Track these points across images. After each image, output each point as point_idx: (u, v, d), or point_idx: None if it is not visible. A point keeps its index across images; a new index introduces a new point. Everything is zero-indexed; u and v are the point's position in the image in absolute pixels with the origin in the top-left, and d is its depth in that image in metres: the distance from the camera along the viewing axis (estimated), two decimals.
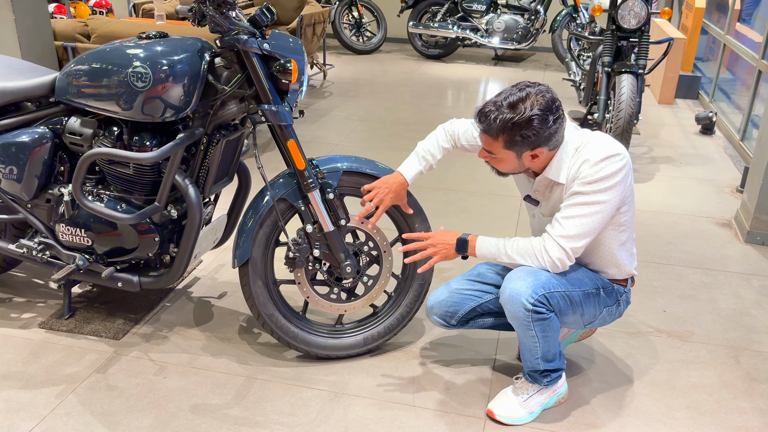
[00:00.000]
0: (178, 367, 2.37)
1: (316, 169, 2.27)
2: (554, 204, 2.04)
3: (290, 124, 2.19)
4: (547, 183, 2.04)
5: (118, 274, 2.41)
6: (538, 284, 1.93)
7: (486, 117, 1.91)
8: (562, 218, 1.94)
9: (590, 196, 1.92)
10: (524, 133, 1.87)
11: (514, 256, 1.99)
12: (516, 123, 1.87)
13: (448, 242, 2.09)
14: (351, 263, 2.30)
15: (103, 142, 2.27)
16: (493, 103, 1.92)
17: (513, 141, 1.90)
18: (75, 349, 2.44)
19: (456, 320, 2.28)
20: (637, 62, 4.33)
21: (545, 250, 1.95)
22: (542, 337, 1.98)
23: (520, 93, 1.89)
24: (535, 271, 1.95)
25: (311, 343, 2.38)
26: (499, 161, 1.98)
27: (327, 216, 2.25)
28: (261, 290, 2.31)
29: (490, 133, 1.92)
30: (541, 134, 1.88)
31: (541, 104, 1.87)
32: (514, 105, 1.88)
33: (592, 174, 1.91)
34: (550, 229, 1.96)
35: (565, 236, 1.93)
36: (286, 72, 2.08)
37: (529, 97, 1.88)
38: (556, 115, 1.89)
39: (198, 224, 2.27)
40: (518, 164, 1.97)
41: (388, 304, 2.48)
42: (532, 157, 1.95)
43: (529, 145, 1.91)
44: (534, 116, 1.86)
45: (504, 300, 1.97)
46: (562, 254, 1.93)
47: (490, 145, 1.95)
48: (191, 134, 2.19)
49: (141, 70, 2.12)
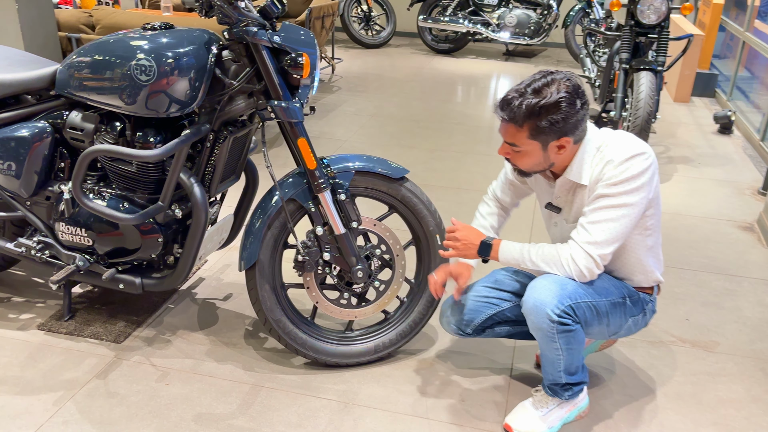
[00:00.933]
0: (181, 373, 2.27)
1: (327, 168, 2.16)
2: (578, 209, 1.93)
3: (301, 122, 2.08)
4: (569, 186, 1.94)
5: (120, 275, 2.31)
6: (564, 294, 1.82)
7: (509, 104, 1.82)
8: (587, 223, 1.83)
9: (616, 198, 1.81)
10: (552, 117, 1.77)
11: (538, 263, 1.89)
12: (543, 106, 1.77)
13: (472, 242, 2.00)
14: (362, 268, 2.20)
15: (105, 138, 2.17)
16: (516, 90, 1.82)
17: (539, 128, 1.80)
18: (74, 353, 2.35)
19: (472, 329, 2.18)
20: (656, 59, 4.20)
21: (572, 259, 1.84)
22: (566, 349, 1.87)
23: (545, 79, 1.80)
24: (561, 280, 1.85)
25: (320, 350, 2.28)
26: (523, 155, 1.88)
27: (338, 218, 2.15)
28: (268, 294, 2.21)
29: (516, 121, 1.82)
30: (568, 119, 1.78)
31: (567, 87, 1.78)
32: (539, 90, 1.79)
33: (617, 174, 1.81)
34: (576, 235, 1.85)
35: (592, 242, 1.82)
36: (298, 66, 1.98)
37: (554, 82, 1.79)
38: (582, 100, 1.80)
39: (203, 225, 2.17)
40: (543, 157, 1.87)
41: (401, 310, 2.38)
42: (558, 148, 1.84)
43: (555, 133, 1.80)
44: (561, 99, 1.76)
45: (527, 310, 1.86)
46: (590, 262, 1.82)
47: (513, 136, 1.85)
48: (197, 131, 2.09)
49: (145, 62, 2.01)
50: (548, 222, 2.10)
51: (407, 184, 2.26)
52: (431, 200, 3.61)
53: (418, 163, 4.34)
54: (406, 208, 2.27)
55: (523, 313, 1.89)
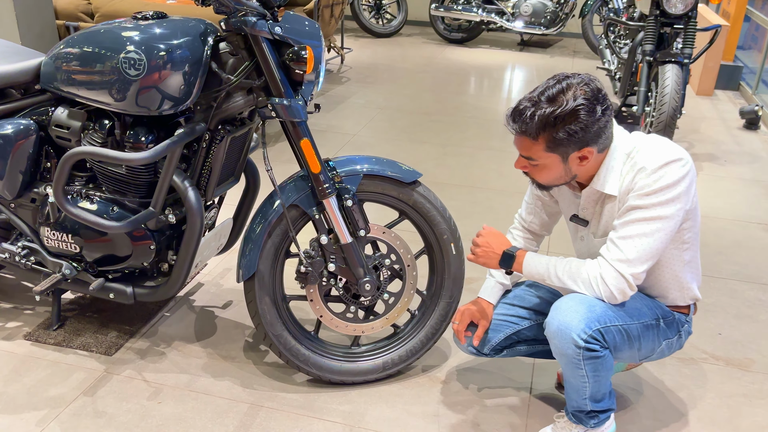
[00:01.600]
0: (174, 390, 2.11)
1: (332, 172, 1.99)
2: (606, 222, 1.75)
3: (304, 121, 1.91)
4: (596, 197, 1.75)
5: (110, 284, 2.15)
6: (592, 317, 1.64)
7: (521, 115, 1.63)
8: (618, 239, 1.65)
9: (650, 210, 1.62)
10: (570, 128, 1.59)
11: (565, 280, 1.71)
12: (559, 116, 1.59)
13: (495, 251, 1.83)
14: (370, 280, 2.03)
15: (92, 137, 2.00)
16: (529, 99, 1.64)
17: (557, 140, 1.61)
18: (62, 366, 2.19)
19: (489, 348, 2.01)
20: (682, 51, 3.99)
21: (601, 278, 1.66)
22: (593, 376, 1.69)
23: (560, 84, 1.61)
24: (589, 301, 1.66)
25: (324, 367, 2.11)
26: (541, 169, 1.70)
27: (344, 226, 1.97)
28: (268, 308, 2.05)
29: (529, 133, 1.64)
30: (589, 128, 1.60)
31: (585, 93, 1.59)
32: (553, 98, 1.60)
33: (651, 184, 1.62)
34: (606, 252, 1.67)
35: (623, 260, 1.63)
36: (300, 61, 1.80)
37: (571, 87, 1.60)
38: (604, 105, 1.61)
39: (198, 231, 2.01)
40: (564, 170, 1.69)
41: (412, 324, 2.20)
42: (580, 159, 1.66)
43: (576, 144, 1.62)
44: (579, 106, 1.58)
45: (551, 333, 1.68)
46: (621, 283, 1.64)
47: (529, 149, 1.67)
48: (191, 130, 1.92)
49: (134, 55, 1.84)
50: (574, 235, 1.91)
51: (419, 189, 2.08)
52: (444, 201, 3.44)
53: (429, 160, 4.16)
54: (418, 214, 2.09)
55: (546, 336, 1.71)
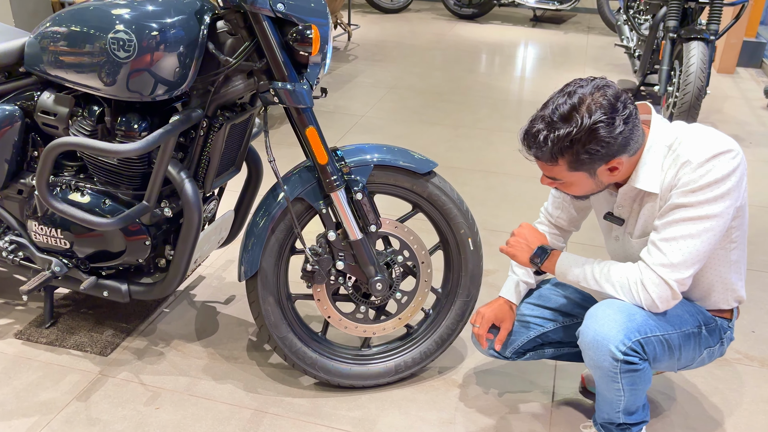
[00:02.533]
0: (173, 394, 1.98)
1: (341, 162, 1.83)
2: (646, 221, 1.59)
3: (310, 107, 1.74)
4: (634, 194, 1.59)
5: (104, 281, 2.01)
6: (631, 327, 1.49)
7: (534, 139, 1.47)
8: (661, 241, 1.49)
9: (696, 208, 1.46)
10: (590, 148, 1.44)
11: (603, 284, 1.55)
12: (575, 139, 1.43)
13: (528, 245, 1.69)
14: (382, 279, 1.88)
15: (80, 125, 1.85)
16: (541, 119, 1.47)
17: (579, 161, 1.46)
18: (54, 368, 2.07)
19: (511, 352, 1.87)
20: (707, 27, 3.78)
21: (642, 285, 1.50)
22: (630, 390, 1.54)
23: (570, 100, 1.44)
24: (628, 309, 1.51)
25: (332, 370, 1.97)
26: (569, 186, 1.56)
27: (354, 221, 1.82)
28: (272, 308, 1.90)
29: (545, 159, 1.49)
30: (613, 143, 1.44)
31: (601, 105, 1.42)
32: (566, 116, 1.44)
33: (697, 179, 1.45)
34: (647, 256, 1.51)
35: (667, 265, 1.48)
36: (305, 41, 1.63)
37: (584, 101, 1.43)
38: (624, 113, 1.43)
39: (196, 226, 1.86)
40: (594, 183, 1.54)
41: (426, 324, 2.06)
42: (610, 170, 1.50)
43: (600, 160, 1.47)
44: (597, 124, 1.41)
45: (585, 343, 1.53)
46: (664, 290, 1.48)
47: (550, 170, 1.52)
48: (187, 117, 1.76)
49: (123, 36, 1.68)
50: (607, 234, 1.75)
51: (435, 179, 1.92)
52: (457, 186, 3.27)
53: (441, 143, 3.98)
54: (433, 207, 1.94)
55: (580, 346, 1.56)
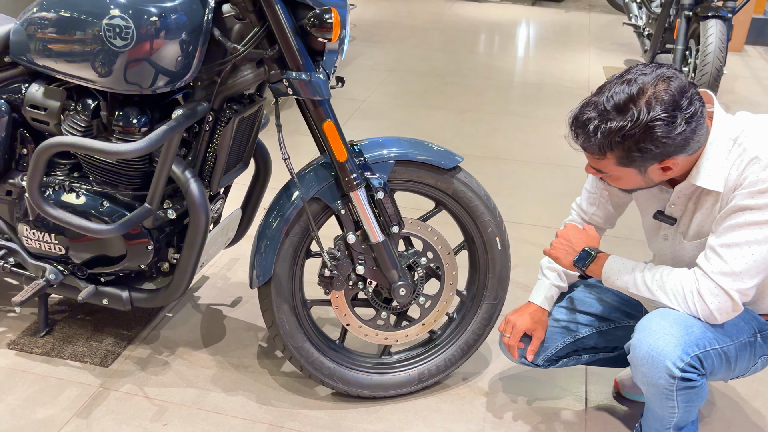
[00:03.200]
0: (181, 408, 1.85)
1: (359, 158, 1.68)
2: (702, 222, 1.45)
3: (327, 99, 1.59)
4: (690, 192, 1.45)
5: (103, 288, 1.86)
6: (689, 341, 1.36)
7: (584, 128, 1.34)
8: (721, 247, 1.35)
9: (764, 212, 1.33)
10: (643, 146, 1.30)
11: (655, 291, 1.42)
12: (628, 135, 1.29)
13: (573, 247, 1.56)
14: (405, 284, 1.74)
15: (73, 120, 1.69)
16: (593, 106, 1.34)
17: (630, 157, 1.33)
18: (51, 381, 1.92)
19: (543, 359, 1.75)
20: (725, 3, 3.63)
21: (699, 295, 1.37)
22: (685, 407, 1.42)
23: (629, 88, 1.30)
24: (685, 320, 1.38)
25: (351, 381, 1.84)
26: (616, 180, 1.43)
27: (375, 222, 1.68)
28: (287, 317, 1.76)
29: (592, 151, 1.36)
30: (670, 143, 1.30)
31: (663, 101, 1.28)
32: (622, 107, 1.30)
33: (766, 179, 1.32)
34: (705, 263, 1.37)
35: (727, 273, 1.34)
36: (324, 27, 1.47)
37: (645, 91, 1.29)
38: (688, 111, 1.29)
39: (204, 229, 1.71)
40: (643, 180, 1.41)
41: (450, 330, 1.93)
42: (663, 169, 1.37)
43: (653, 159, 1.33)
44: (655, 122, 1.27)
45: (638, 359, 1.40)
46: (724, 301, 1.35)
47: (597, 162, 1.39)
48: (192, 112, 1.60)
49: (120, 22, 1.52)
50: (653, 233, 1.61)
51: (460, 175, 1.78)
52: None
53: (447, 128, 3.83)
54: (458, 204, 1.80)
55: (630, 362, 1.43)
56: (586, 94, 4.41)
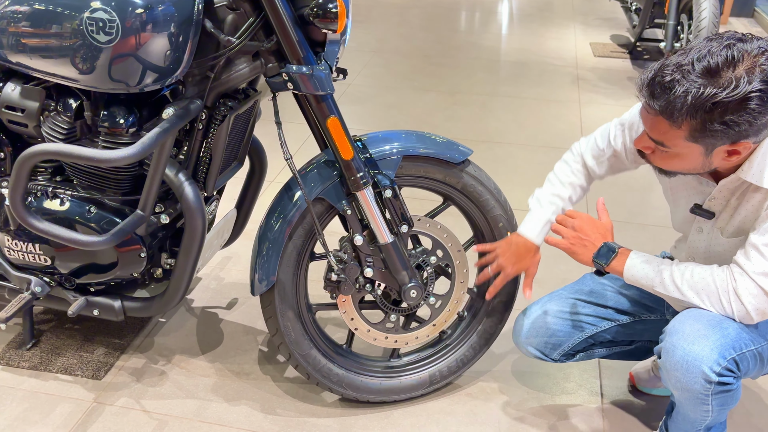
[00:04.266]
0: (182, 422, 1.76)
1: (365, 154, 1.58)
2: (744, 220, 1.37)
3: (330, 94, 1.49)
4: (735, 187, 1.36)
5: (94, 299, 1.75)
6: (726, 344, 1.29)
7: (668, 90, 1.20)
8: (765, 245, 1.28)
9: None
10: (730, 119, 1.18)
11: (685, 291, 1.35)
12: (720, 103, 1.17)
13: (592, 241, 1.46)
14: (416, 285, 1.66)
15: (55, 122, 1.56)
16: (678, 67, 1.20)
17: (708, 131, 1.21)
18: (41, 397, 1.82)
19: (560, 354, 1.68)
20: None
21: (735, 294, 1.30)
22: (719, 410, 1.36)
23: (728, 51, 1.18)
24: (719, 321, 1.31)
25: (361, 387, 1.76)
26: (672, 157, 1.30)
27: (383, 222, 1.59)
28: (293, 324, 1.67)
29: (671, 116, 1.22)
30: (756, 122, 1.19)
31: (765, 72, 1.17)
32: (716, 71, 1.18)
33: None
34: (745, 261, 1.30)
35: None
36: (328, 17, 1.37)
37: (744, 59, 1.18)
38: None
39: (200, 235, 1.61)
40: (702, 163, 1.30)
41: (460, 329, 1.85)
42: (729, 153, 1.26)
43: (729, 138, 1.22)
44: (753, 93, 1.16)
45: (672, 364, 1.33)
46: (762, 302, 1.29)
47: (663, 133, 1.26)
48: (185, 111, 1.49)
49: (103, 15, 1.39)
50: (686, 224, 1.53)
51: (469, 168, 1.69)
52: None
53: (438, 111, 3.73)
54: (468, 199, 1.71)
55: (661, 366, 1.37)
56: (574, 72, 4.39)
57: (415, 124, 3.54)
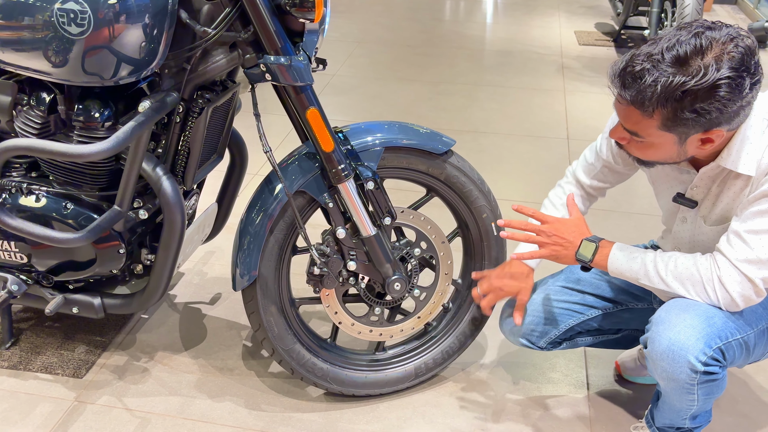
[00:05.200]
0: (165, 419, 1.73)
1: (346, 146, 1.56)
2: (726, 207, 1.36)
3: (309, 85, 1.46)
4: (715, 174, 1.35)
5: (72, 296, 1.72)
6: (711, 333, 1.29)
7: (638, 79, 1.20)
8: (748, 233, 1.27)
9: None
10: (700, 107, 1.18)
11: (669, 281, 1.34)
12: (689, 91, 1.17)
13: (570, 240, 1.45)
14: (400, 278, 1.64)
15: (27, 116, 1.52)
16: (648, 57, 1.20)
17: (679, 119, 1.20)
18: (21, 397, 1.79)
19: (546, 342, 1.68)
20: None
21: (719, 282, 1.30)
22: (704, 399, 1.36)
23: (696, 40, 1.17)
24: (705, 311, 1.31)
25: (346, 381, 1.75)
26: (647, 147, 1.30)
27: (366, 215, 1.57)
28: (276, 318, 1.65)
29: (642, 106, 1.21)
30: (726, 109, 1.19)
31: (733, 59, 1.16)
32: (685, 60, 1.17)
33: None
34: (727, 248, 1.30)
35: (753, 261, 1.27)
36: (305, 6, 1.34)
37: (712, 46, 1.17)
38: (754, 76, 1.19)
39: (180, 230, 1.58)
40: (677, 152, 1.29)
41: (446, 320, 1.84)
42: (702, 142, 1.26)
43: (702, 126, 1.22)
44: (722, 81, 1.15)
45: (658, 353, 1.33)
46: (747, 288, 1.28)
47: (636, 123, 1.25)
48: (161, 104, 1.46)
49: (74, 6, 1.35)
50: (670, 214, 1.53)
51: (452, 159, 1.67)
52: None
53: (422, 101, 3.71)
54: (451, 190, 1.69)
55: (647, 356, 1.36)
56: (559, 61, 4.38)
57: (399, 114, 3.52)
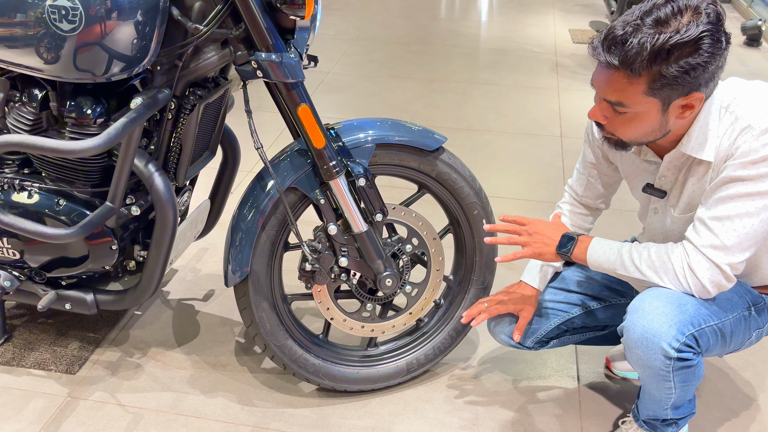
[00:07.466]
0: (158, 414, 1.74)
1: (338, 143, 1.57)
2: (692, 194, 1.39)
3: (301, 81, 1.47)
4: (680, 162, 1.39)
5: (65, 292, 1.72)
6: (684, 320, 1.31)
7: (622, 43, 1.22)
8: (711, 219, 1.30)
9: (756, 183, 1.27)
10: (687, 62, 1.20)
11: (644, 269, 1.37)
12: (676, 45, 1.19)
13: (551, 237, 1.48)
14: (392, 274, 1.65)
15: (20, 113, 1.53)
16: (627, 23, 1.23)
17: (665, 78, 1.22)
18: (14, 394, 1.79)
19: (533, 341, 1.69)
20: None
21: (689, 269, 1.32)
22: (681, 387, 1.38)
23: (672, 4, 1.21)
24: (678, 298, 1.33)
25: (338, 376, 1.76)
26: (630, 119, 1.30)
27: (357, 211, 1.58)
28: (267, 314, 1.66)
29: (631, 67, 1.23)
30: (708, 65, 1.22)
31: (710, 15, 1.21)
32: (664, 21, 1.21)
33: (758, 149, 1.26)
34: (695, 236, 1.32)
35: (718, 247, 1.29)
36: (296, 3, 1.35)
37: (688, 9, 1.21)
38: (727, 36, 1.24)
39: (172, 226, 1.59)
40: (659, 123, 1.30)
41: (437, 317, 1.85)
42: (683, 108, 1.28)
43: (685, 87, 1.24)
44: (704, 33, 1.19)
45: (632, 341, 1.35)
46: (716, 274, 1.31)
47: (623, 90, 1.26)
48: (153, 100, 1.46)
49: (65, 2, 1.36)
50: (644, 206, 1.55)
51: (444, 156, 1.68)
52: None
53: (416, 99, 3.72)
54: (442, 187, 1.71)
55: (624, 344, 1.38)
56: (554, 59, 4.39)
57: (393, 112, 3.53)
